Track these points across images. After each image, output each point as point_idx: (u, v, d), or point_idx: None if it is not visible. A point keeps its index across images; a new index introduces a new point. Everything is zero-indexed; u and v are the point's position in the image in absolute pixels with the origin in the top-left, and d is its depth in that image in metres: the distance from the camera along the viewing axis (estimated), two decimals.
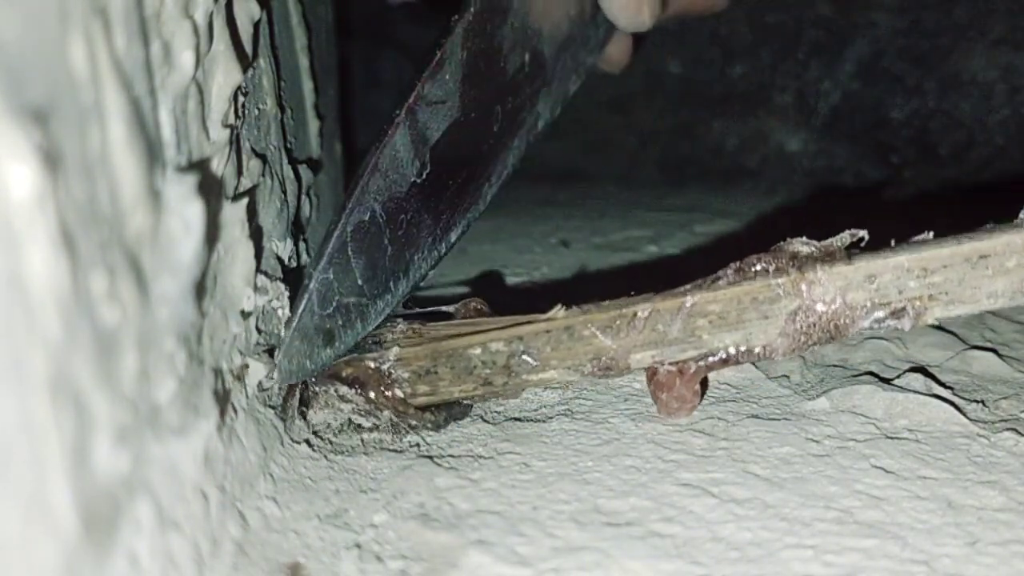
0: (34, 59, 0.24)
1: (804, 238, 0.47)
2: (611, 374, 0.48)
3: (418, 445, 0.48)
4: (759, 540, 0.38)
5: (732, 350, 0.46)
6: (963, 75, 1.30)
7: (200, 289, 0.35)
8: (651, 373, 0.48)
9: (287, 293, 0.51)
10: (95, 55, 0.27)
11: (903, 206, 1.20)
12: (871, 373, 0.57)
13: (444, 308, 0.52)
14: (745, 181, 1.38)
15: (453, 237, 0.53)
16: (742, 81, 1.44)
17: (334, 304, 0.46)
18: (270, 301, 0.49)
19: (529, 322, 0.48)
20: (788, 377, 0.58)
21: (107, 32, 0.28)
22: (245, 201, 0.42)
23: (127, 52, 0.30)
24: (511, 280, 0.87)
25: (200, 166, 0.38)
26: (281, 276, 0.54)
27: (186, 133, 0.37)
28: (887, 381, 0.55)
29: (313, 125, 0.80)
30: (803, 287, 0.45)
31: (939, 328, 0.66)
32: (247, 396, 0.44)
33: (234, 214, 0.41)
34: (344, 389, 0.48)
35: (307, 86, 0.78)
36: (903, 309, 0.44)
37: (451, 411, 0.50)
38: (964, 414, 0.50)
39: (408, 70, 1.80)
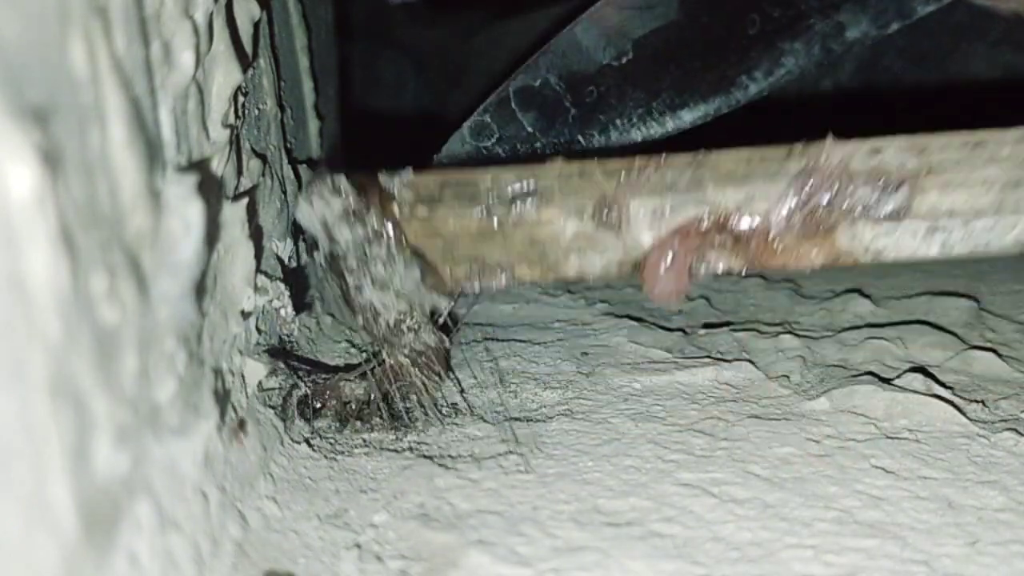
0: (34, 59, 0.24)
1: None
2: (607, 223, 0.46)
3: (418, 446, 0.48)
4: (759, 540, 0.38)
5: (734, 209, 0.46)
6: (963, 75, 1.30)
7: (200, 289, 0.35)
8: (643, 260, 0.47)
9: (288, 293, 0.51)
10: (95, 55, 0.27)
11: None
12: (871, 373, 0.57)
13: None
14: None
15: (688, 117, 0.58)
16: None
17: (493, 139, 0.52)
18: (270, 301, 0.49)
19: (545, 168, 0.48)
20: (788, 377, 0.58)
21: (107, 32, 0.28)
22: (245, 201, 0.42)
23: (127, 52, 0.30)
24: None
25: (200, 166, 0.38)
26: (281, 276, 0.54)
27: (186, 133, 0.37)
28: (887, 381, 0.55)
29: (313, 125, 0.80)
30: (810, 149, 0.46)
31: (939, 328, 0.66)
32: (247, 396, 0.44)
33: (234, 214, 0.41)
34: (345, 185, 0.47)
35: (307, 86, 0.78)
36: (902, 183, 0.45)
37: (431, 280, 0.49)
38: (964, 414, 0.50)
39: (408, 70, 1.80)
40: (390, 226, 0.47)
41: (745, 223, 0.46)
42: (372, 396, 0.50)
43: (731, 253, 0.47)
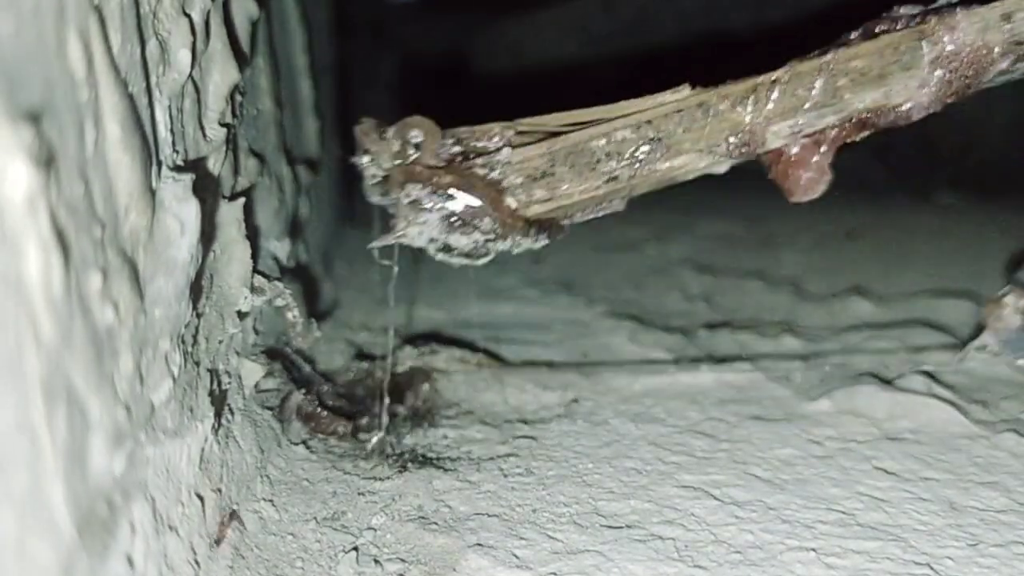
0: (29, 58, 0.24)
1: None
2: (748, 153, 0.43)
3: (417, 448, 0.48)
4: (761, 542, 0.38)
5: (873, 108, 0.43)
6: None
7: (196, 289, 0.35)
8: (776, 155, 0.44)
9: (288, 292, 0.50)
10: (91, 53, 0.27)
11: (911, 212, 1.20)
12: (872, 374, 0.57)
13: None
14: (745, 181, 1.38)
15: None
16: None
17: None
18: (268, 301, 0.49)
19: (656, 106, 0.43)
20: (789, 378, 0.58)
21: (103, 30, 0.28)
22: (242, 201, 0.42)
23: (123, 51, 0.29)
24: (508, 280, 0.87)
25: (196, 165, 0.38)
26: (279, 276, 0.54)
27: (182, 132, 0.36)
28: (888, 382, 0.55)
29: (312, 125, 0.80)
30: (943, 31, 0.43)
31: (939, 328, 0.66)
32: (244, 397, 0.44)
33: (230, 214, 0.41)
34: (439, 199, 0.41)
35: (306, 86, 0.78)
36: None
37: (550, 228, 0.44)
38: (965, 415, 0.50)
39: (408, 70, 1.80)
40: (505, 226, 0.42)
41: (884, 117, 0.44)
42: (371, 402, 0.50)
43: (869, 134, 0.45)
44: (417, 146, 0.42)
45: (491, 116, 0.47)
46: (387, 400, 0.51)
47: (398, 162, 0.41)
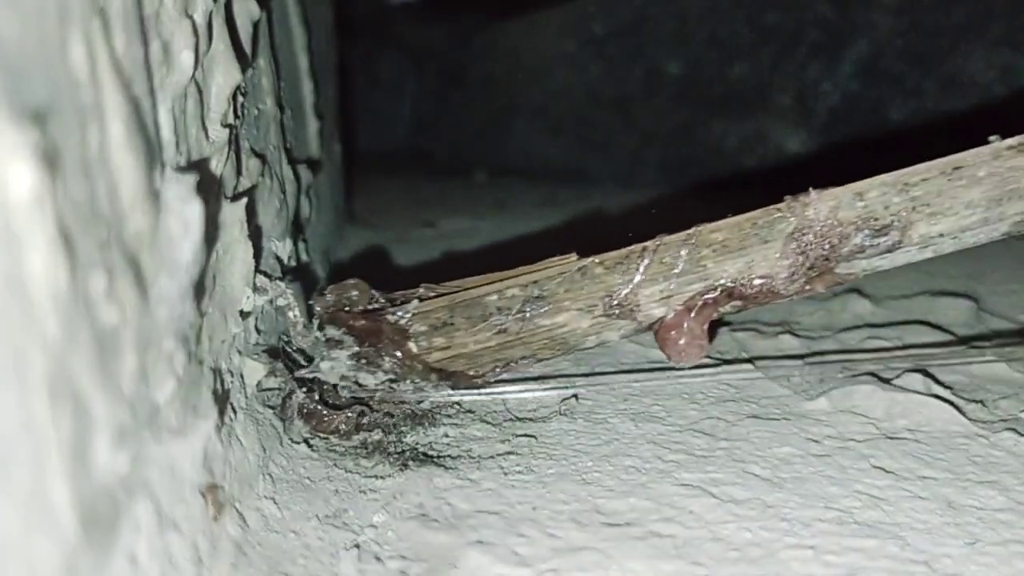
0: (33, 59, 0.24)
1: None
2: (621, 313, 0.48)
3: (418, 447, 0.48)
4: (759, 540, 0.38)
5: (737, 278, 0.47)
6: (963, 75, 1.30)
7: (199, 289, 0.35)
8: (657, 322, 0.48)
9: (289, 291, 0.51)
10: (94, 55, 0.27)
11: None
12: (871, 373, 0.57)
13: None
14: (745, 181, 1.38)
15: None
16: (742, 81, 1.44)
17: None
18: (270, 301, 0.49)
19: (544, 268, 0.49)
20: (788, 377, 0.58)
21: (106, 32, 0.28)
22: (244, 201, 0.42)
23: (126, 52, 0.30)
24: None
25: (199, 166, 0.38)
26: (280, 276, 0.54)
27: (185, 133, 0.37)
28: (887, 381, 0.55)
29: (313, 125, 0.80)
30: (798, 208, 0.47)
31: (939, 328, 0.66)
32: (246, 396, 0.44)
33: (233, 214, 0.41)
34: (351, 341, 0.48)
35: (307, 86, 0.79)
36: (889, 224, 0.46)
37: (455, 377, 0.50)
38: (964, 414, 0.50)
39: (408, 70, 1.81)
40: (403, 367, 0.49)
41: (750, 288, 0.48)
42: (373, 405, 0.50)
43: (741, 305, 0.48)
44: (351, 300, 0.49)
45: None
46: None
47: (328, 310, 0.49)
